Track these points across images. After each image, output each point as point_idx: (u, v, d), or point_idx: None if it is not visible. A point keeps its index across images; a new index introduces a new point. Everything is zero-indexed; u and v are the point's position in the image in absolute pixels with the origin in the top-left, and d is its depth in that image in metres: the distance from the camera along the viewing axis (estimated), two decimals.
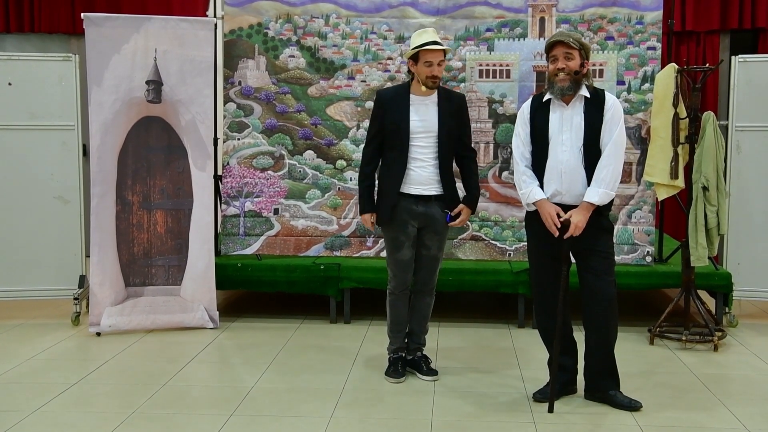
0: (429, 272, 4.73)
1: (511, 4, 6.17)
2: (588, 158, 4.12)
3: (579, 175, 4.13)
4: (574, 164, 4.13)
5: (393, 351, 4.81)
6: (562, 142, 4.15)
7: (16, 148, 6.03)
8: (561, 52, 4.11)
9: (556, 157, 4.16)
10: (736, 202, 6.03)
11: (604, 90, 4.27)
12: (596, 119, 4.13)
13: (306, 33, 6.28)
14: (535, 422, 4.04)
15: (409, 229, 4.61)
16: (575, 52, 4.10)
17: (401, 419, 4.08)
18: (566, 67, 4.09)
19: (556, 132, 4.17)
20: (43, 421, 4.04)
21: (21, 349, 5.29)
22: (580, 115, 4.14)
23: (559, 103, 4.18)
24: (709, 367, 4.98)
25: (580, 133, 4.13)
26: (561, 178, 4.14)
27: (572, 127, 4.14)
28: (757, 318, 6.30)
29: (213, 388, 4.64)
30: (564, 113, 4.17)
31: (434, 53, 4.45)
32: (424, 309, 4.82)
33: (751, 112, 6.02)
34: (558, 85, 4.12)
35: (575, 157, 4.13)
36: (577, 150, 4.13)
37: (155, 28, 5.76)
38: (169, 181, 5.89)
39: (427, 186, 4.58)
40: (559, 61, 4.10)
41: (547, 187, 4.19)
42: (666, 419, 4.09)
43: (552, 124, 4.18)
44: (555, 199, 4.17)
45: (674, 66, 5.54)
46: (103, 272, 5.71)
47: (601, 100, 4.16)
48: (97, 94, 5.69)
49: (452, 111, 4.58)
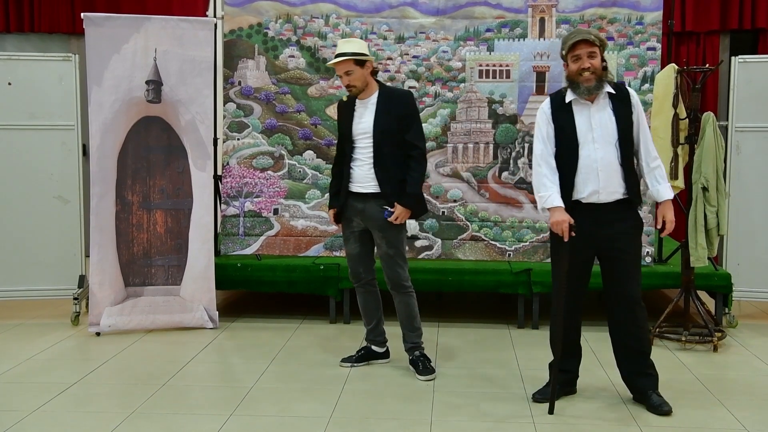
0: (388, 269, 4.81)
1: (511, 5, 6.17)
2: (623, 153, 4.09)
3: (615, 171, 4.08)
4: (610, 161, 4.07)
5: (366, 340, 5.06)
6: (594, 140, 4.08)
7: (16, 148, 6.03)
8: (585, 51, 4.04)
9: (589, 156, 4.08)
10: (736, 202, 6.03)
11: (623, 82, 4.26)
12: (626, 113, 4.10)
13: (306, 33, 6.28)
14: (534, 422, 4.04)
15: (354, 224, 4.82)
16: (597, 50, 4.06)
17: (401, 419, 4.08)
18: (591, 66, 4.04)
19: (585, 131, 4.10)
20: (42, 421, 4.03)
21: (20, 349, 5.29)
22: (608, 111, 4.10)
23: (584, 102, 4.11)
24: (708, 368, 4.98)
25: (612, 129, 4.08)
26: (598, 177, 4.07)
27: (602, 124, 4.09)
28: (756, 318, 6.30)
29: (212, 388, 4.64)
30: (591, 111, 4.11)
31: (338, 66, 4.67)
32: (403, 309, 4.85)
33: (751, 112, 6.02)
34: (584, 85, 4.06)
35: (611, 154, 4.07)
36: (611, 146, 4.07)
37: (155, 28, 5.76)
38: (168, 181, 5.88)
39: (364, 184, 4.72)
40: (584, 60, 4.04)
41: (583, 187, 4.10)
42: (665, 419, 4.08)
43: (579, 124, 4.11)
44: (592, 199, 4.09)
45: (674, 66, 5.55)
46: (102, 272, 5.71)
47: (626, 94, 4.15)
48: (96, 94, 5.69)
49: (390, 110, 4.68)
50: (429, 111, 6.25)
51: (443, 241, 6.25)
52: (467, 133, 6.24)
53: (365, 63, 4.67)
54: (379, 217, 4.69)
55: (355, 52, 4.63)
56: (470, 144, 6.24)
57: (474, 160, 6.25)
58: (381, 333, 5.04)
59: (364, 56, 4.65)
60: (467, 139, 6.24)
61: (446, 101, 6.24)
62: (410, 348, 4.87)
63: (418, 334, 4.88)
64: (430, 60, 6.24)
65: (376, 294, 5.00)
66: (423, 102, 6.24)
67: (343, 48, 4.67)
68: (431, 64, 6.24)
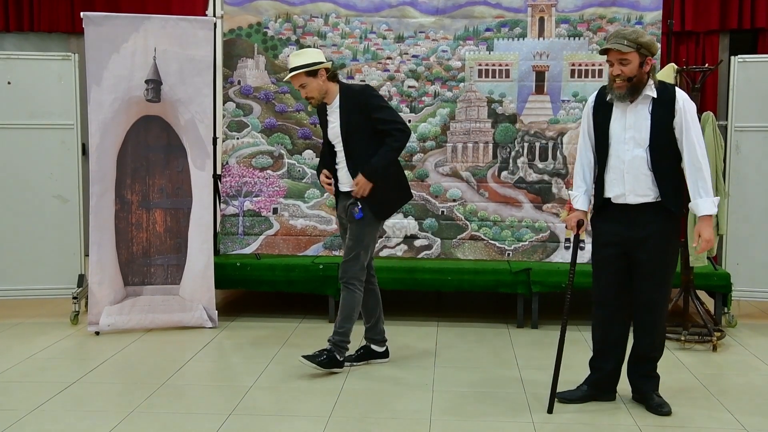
0: (342, 260, 4.87)
1: (510, 4, 6.17)
2: (654, 158, 3.96)
3: (644, 175, 3.97)
4: (638, 164, 3.98)
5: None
6: (625, 141, 4.01)
7: (15, 148, 6.02)
8: (615, 58, 3.93)
9: (618, 157, 4.03)
10: (735, 202, 6.03)
11: (675, 86, 4.10)
12: (665, 118, 3.96)
13: (305, 32, 6.28)
14: (533, 422, 4.04)
15: (343, 221, 4.97)
16: (631, 55, 3.90)
17: (400, 419, 4.08)
18: (622, 73, 3.91)
19: (619, 131, 4.03)
20: (41, 420, 4.03)
21: (20, 348, 5.29)
22: (646, 114, 3.99)
23: (624, 102, 4.02)
24: (707, 368, 4.99)
25: (645, 132, 3.97)
26: (623, 179, 4.02)
27: (636, 126, 3.99)
28: (756, 318, 6.31)
29: (212, 387, 4.64)
30: (627, 112, 4.02)
31: (292, 80, 4.77)
32: (343, 304, 4.83)
33: (751, 112, 6.02)
34: (616, 92, 3.97)
35: (640, 158, 3.99)
36: (642, 150, 3.98)
37: (154, 27, 5.76)
38: (168, 181, 5.88)
39: (346, 182, 4.84)
40: (615, 67, 3.95)
41: (610, 187, 4.07)
42: (664, 419, 4.08)
43: (614, 123, 4.04)
44: (619, 200, 4.05)
45: (673, 66, 5.55)
46: (102, 271, 5.71)
47: (672, 97, 3.98)
48: (96, 94, 5.69)
49: (351, 108, 4.74)
50: (428, 110, 6.25)
51: (442, 241, 6.25)
52: (467, 132, 6.24)
53: (317, 72, 4.69)
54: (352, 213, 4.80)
55: (304, 65, 4.66)
56: (470, 143, 6.25)
57: (473, 159, 6.25)
58: (380, 332, 5.04)
59: (315, 66, 4.66)
60: (467, 138, 6.25)
61: (446, 101, 6.24)
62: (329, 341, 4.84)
63: (338, 333, 4.79)
64: (430, 59, 6.25)
65: (374, 292, 5.02)
66: (422, 101, 6.25)
67: (293, 62, 4.73)
68: (431, 64, 6.25)
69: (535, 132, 6.16)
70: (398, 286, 5.99)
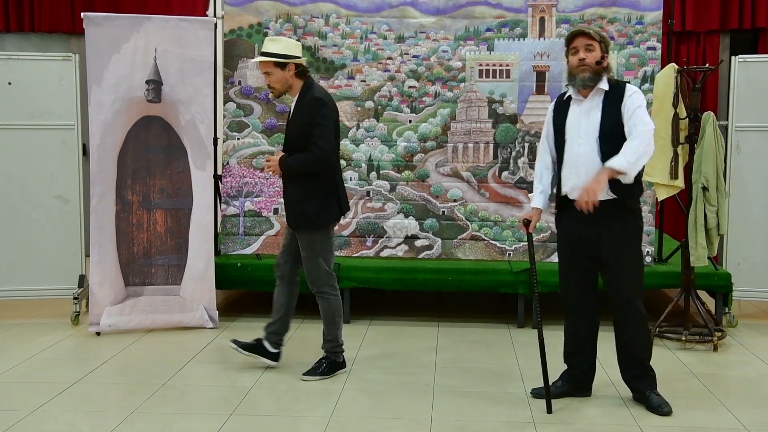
0: (304, 270, 4.78)
1: (511, 4, 6.17)
2: (605, 150, 4.03)
3: (596, 167, 4.04)
4: (590, 157, 4.07)
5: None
6: (579, 135, 4.11)
7: (15, 148, 6.02)
8: (582, 44, 4.09)
9: (572, 152, 4.13)
10: (736, 202, 6.03)
11: (626, 82, 4.20)
12: (615, 110, 4.06)
13: (306, 33, 6.28)
14: (534, 422, 4.04)
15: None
16: (596, 44, 4.08)
17: (401, 419, 4.08)
18: (587, 58, 4.06)
19: (574, 126, 4.14)
20: (42, 420, 4.03)
21: (20, 349, 5.29)
22: (598, 107, 4.10)
23: (578, 98, 4.15)
24: (708, 368, 4.98)
25: (596, 125, 4.08)
26: (578, 172, 4.09)
27: (589, 119, 4.10)
28: (756, 318, 6.30)
29: (212, 387, 4.64)
30: (582, 107, 4.14)
31: (260, 66, 4.65)
32: (321, 312, 4.83)
33: (751, 112, 6.02)
34: (579, 76, 4.09)
35: (591, 150, 4.07)
36: (593, 142, 4.07)
37: (155, 27, 5.76)
38: (168, 181, 5.88)
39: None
40: (580, 52, 4.08)
41: (565, 181, 4.16)
42: (665, 419, 4.09)
43: (570, 120, 4.16)
44: (574, 195, 4.10)
45: (674, 66, 5.54)
46: (102, 272, 5.71)
47: (621, 91, 4.09)
48: (96, 94, 5.69)
49: (300, 114, 4.64)
50: (429, 111, 6.25)
51: (443, 241, 6.25)
52: (467, 132, 6.24)
53: (287, 66, 4.58)
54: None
55: (275, 54, 4.56)
56: (470, 143, 6.25)
57: (474, 159, 6.25)
58: (278, 333, 4.90)
59: (286, 59, 4.56)
60: (467, 138, 6.24)
61: (446, 101, 6.24)
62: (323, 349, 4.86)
63: (328, 340, 4.82)
64: (430, 59, 6.25)
65: (288, 292, 4.89)
66: (423, 101, 6.24)
67: (266, 47, 4.61)
68: (431, 64, 6.24)
69: (536, 132, 6.16)
70: (399, 287, 5.99)
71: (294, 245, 4.81)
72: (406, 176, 6.26)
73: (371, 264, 6.08)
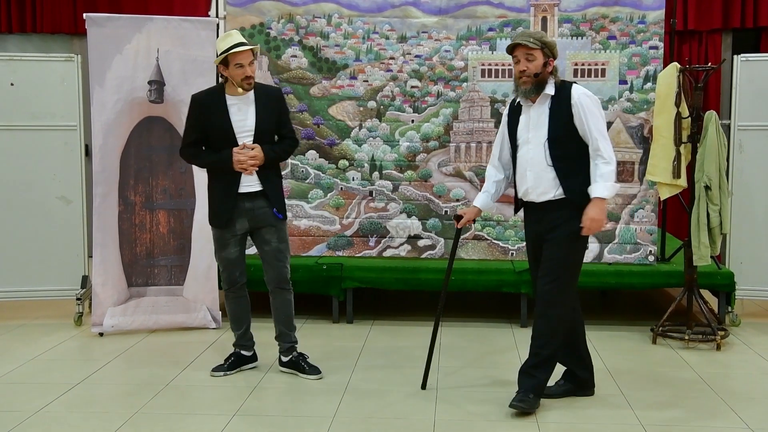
0: (277, 266, 4.72)
1: (513, 4, 6.16)
2: (555, 154, 4.08)
3: (545, 171, 4.10)
4: (539, 161, 4.12)
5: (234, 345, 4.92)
6: (528, 141, 4.17)
7: (18, 149, 6.03)
8: (522, 54, 4.11)
9: (522, 156, 4.20)
10: (739, 201, 6.02)
11: (572, 83, 4.22)
12: (561, 113, 4.09)
13: (308, 33, 6.28)
14: (537, 422, 4.04)
15: (237, 227, 4.66)
16: (536, 52, 4.08)
17: (404, 419, 4.08)
18: (527, 69, 4.09)
19: (523, 131, 4.20)
20: (45, 421, 4.04)
21: (24, 350, 5.30)
22: (545, 111, 4.14)
23: (527, 104, 4.21)
24: (711, 367, 4.98)
25: (544, 129, 4.12)
26: (526, 177, 4.17)
27: (537, 124, 4.15)
28: (759, 317, 6.30)
29: (215, 388, 4.64)
30: (531, 112, 4.19)
31: (243, 54, 4.48)
32: (285, 307, 4.80)
33: (754, 111, 6.01)
34: (522, 88, 4.14)
35: (540, 154, 4.12)
36: (541, 146, 4.12)
37: (157, 28, 5.76)
38: (171, 181, 5.89)
39: (253, 183, 4.61)
40: (521, 63, 4.10)
41: (519, 185, 4.25)
42: (669, 418, 4.09)
43: (520, 125, 4.23)
44: (527, 198, 4.20)
45: (676, 65, 5.54)
46: (105, 272, 5.72)
47: (568, 94, 4.10)
48: (99, 95, 5.70)
49: (270, 107, 4.65)
50: (431, 110, 6.25)
51: (446, 241, 6.25)
52: (470, 132, 6.24)
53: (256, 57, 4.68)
54: (270, 213, 4.65)
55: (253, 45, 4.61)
56: (473, 143, 6.24)
57: (476, 159, 6.24)
58: (250, 337, 4.93)
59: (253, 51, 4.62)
60: (470, 138, 6.24)
61: (448, 100, 6.24)
62: (288, 348, 4.83)
63: (294, 333, 4.86)
64: (433, 59, 6.24)
65: (247, 299, 4.90)
66: (425, 101, 6.24)
67: (239, 39, 4.54)
68: (433, 64, 6.24)
69: None
70: (402, 287, 5.99)
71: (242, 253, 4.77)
72: (409, 176, 6.26)
73: (374, 264, 6.08)
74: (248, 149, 4.54)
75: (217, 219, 4.68)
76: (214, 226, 4.71)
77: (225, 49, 4.49)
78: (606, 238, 6.11)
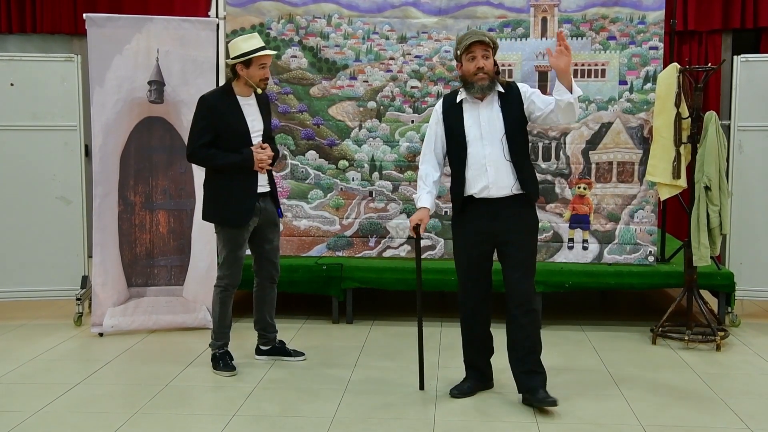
0: (276, 262, 5.00)
1: (513, 4, 6.16)
2: (511, 148, 4.18)
3: (504, 165, 4.18)
4: (497, 156, 4.18)
5: (219, 347, 4.93)
6: (482, 137, 4.20)
7: (18, 149, 6.03)
8: (480, 52, 4.17)
9: (478, 153, 4.21)
10: (739, 201, 6.03)
11: (515, 81, 4.36)
12: (514, 109, 4.21)
13: (308, 33, 6.28)
14: (537, 422, 4.04)
15: (250, 226, 4.80)
16: (490, 51, 4.19)
17: (404, 419, 4.08)
18: (485, 66, 4.16)
19: (475, 129, 4.23)
20: (45, 421, 4.04)
21: (23, 350, 5.30)
22: (496, 108, 4.21)
23: (473, 101, 4.24)
24: (711, 367, 4.98)
25: (498, 125, 4.19)
26: (486, 173, 4.19)
27: (490, 121, 4.20)
28: (759, 318, 6.30)
29: (215, 388, 4.64)
30: (480, 110, 4.23)
31: (268, 57, 4.71)
32: (274, 300, 5.10)
33: (754, 111, 6.02)
34: (478, 84, 4.18)
35: (498, 149, 4.18)
36: (498, 142, 4.18)
37: (157, 28, 5.76)
38: (171, 182, 5.89)
39: (264, 184, 4.82)
40: (479, 60, 4.16)
41: (474, 183, 4.22)
42: (668, 419, 4.09)
43: (468, 123, 4.25)
44: (484, 194, 4.21)
45: (676, 66, 5.54)
46: (105, 273, 5.72)
47: (516, 91, 4.24)
48: (99, 95, 5.70)
49: (267, 107, 4.89)
50: (431, 111, 6.24)
51: (446, 241, 6.25)
52: None
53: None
54: (275, 212, 4.90)
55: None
56: None
57: None
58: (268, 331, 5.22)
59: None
60: None
61: None
62: (273, 338, 5.11)
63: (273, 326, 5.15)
64: (433, 60, 6.24)
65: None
66: (425, 102, 6.24)
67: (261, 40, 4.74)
68: (433, 64, 6.24)
69: (538, 132, 6.15)
70: (402, 287, 5.98)
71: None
72: (409, 176, 6.26)
73: (374, 264, 6.08)
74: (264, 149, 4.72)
75: (237, 218, 4.73)
76: (234, 225, 4.74)
77: (253, 49, 4.64)
78: (606, 239, 6.11)
